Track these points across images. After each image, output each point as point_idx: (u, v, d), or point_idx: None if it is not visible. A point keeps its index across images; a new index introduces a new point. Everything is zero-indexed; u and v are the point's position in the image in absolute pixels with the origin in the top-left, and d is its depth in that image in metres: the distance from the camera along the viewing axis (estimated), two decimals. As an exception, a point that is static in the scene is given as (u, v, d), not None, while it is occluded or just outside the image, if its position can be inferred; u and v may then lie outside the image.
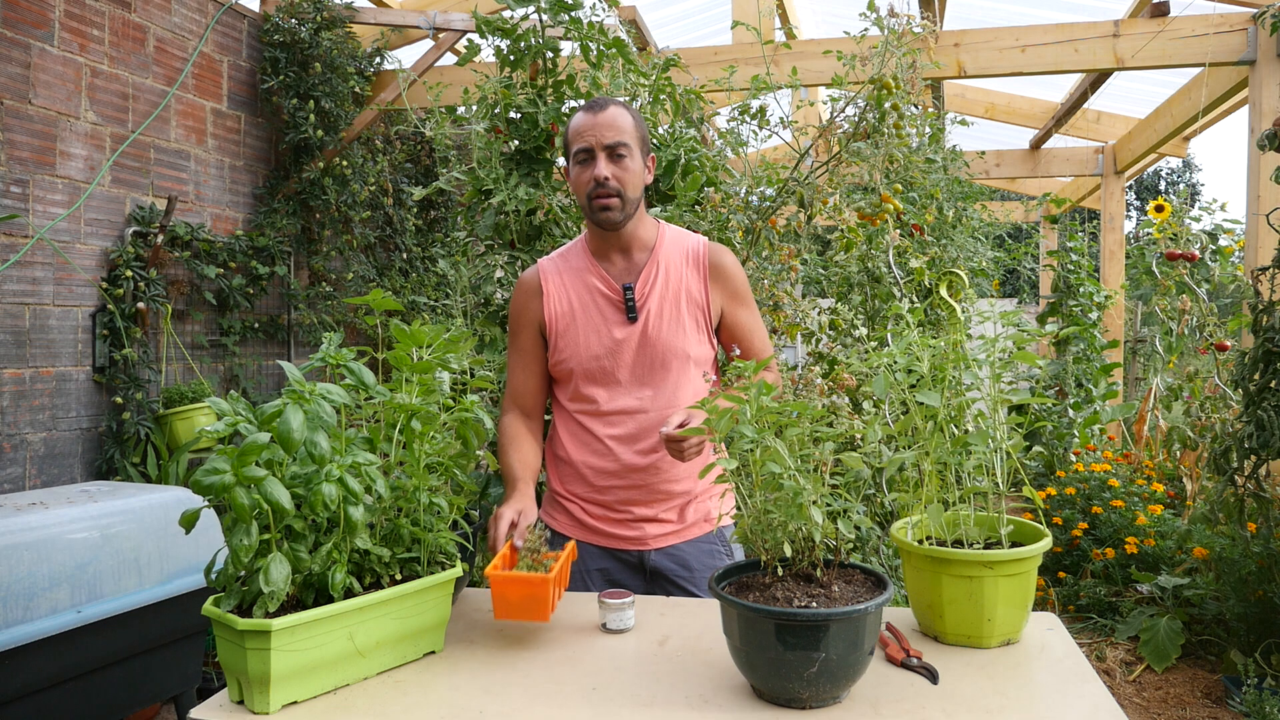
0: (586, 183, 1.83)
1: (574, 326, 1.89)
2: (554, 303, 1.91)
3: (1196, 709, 3.25)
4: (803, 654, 1.21)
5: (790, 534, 1.32)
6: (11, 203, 3.43)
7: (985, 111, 6.83)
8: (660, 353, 1.86)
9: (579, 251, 1.96)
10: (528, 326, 1.95)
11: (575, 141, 1.84)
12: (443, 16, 4.69)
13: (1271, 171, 3.19)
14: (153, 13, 4.08)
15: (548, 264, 1.97)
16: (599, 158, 1.81)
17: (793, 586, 1.32)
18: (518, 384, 1.97)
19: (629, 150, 1.82)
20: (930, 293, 3.44)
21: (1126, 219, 7.53)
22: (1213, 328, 3.97)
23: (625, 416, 1.87)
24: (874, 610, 1.23)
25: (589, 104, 1.86)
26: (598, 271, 1.91)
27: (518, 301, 1.96)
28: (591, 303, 1.90)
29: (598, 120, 1.81)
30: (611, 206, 1.82)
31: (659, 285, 1.89)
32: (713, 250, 1.94)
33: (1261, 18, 4.00)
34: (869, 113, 2.90)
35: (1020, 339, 1.51)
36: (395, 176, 5.58)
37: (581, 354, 1.89)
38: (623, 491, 1.89)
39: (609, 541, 1.91)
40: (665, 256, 1.91)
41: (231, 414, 1.27)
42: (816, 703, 1.24)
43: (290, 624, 1.24)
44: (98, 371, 3.77)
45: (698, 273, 1.91)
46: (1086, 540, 4.30)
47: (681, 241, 1.95)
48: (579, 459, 1.91)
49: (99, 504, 2.34)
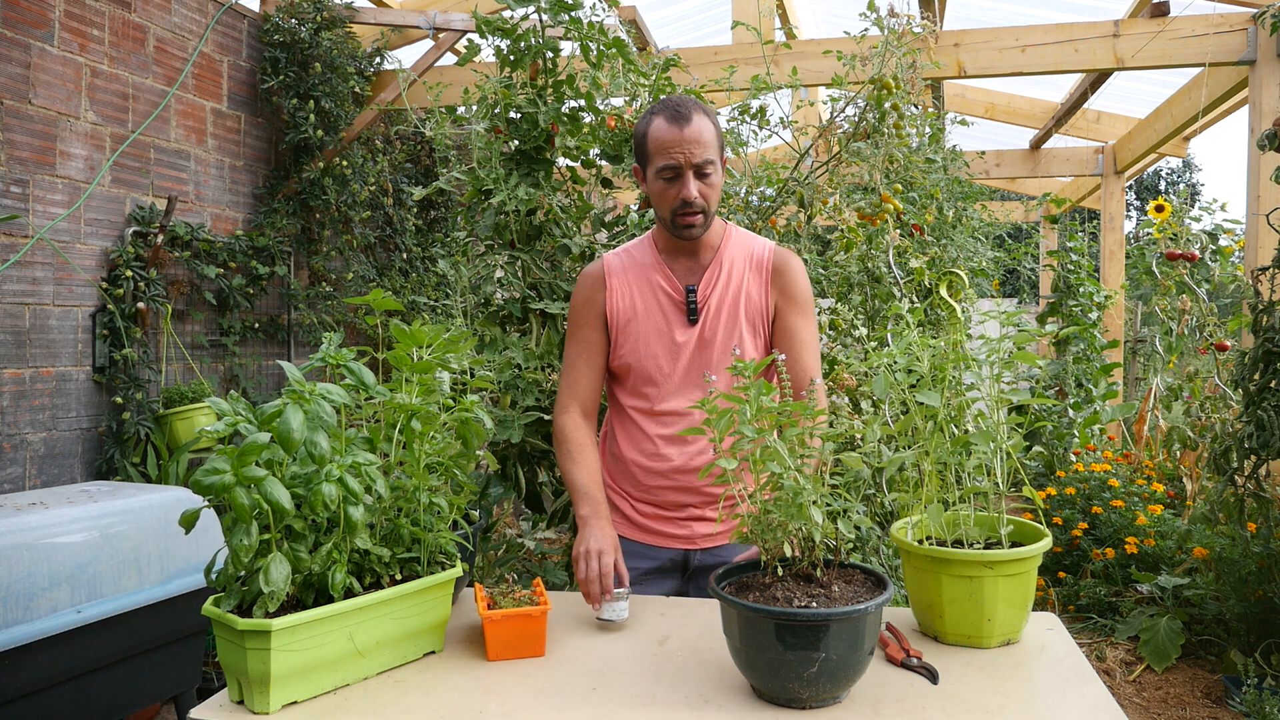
0: (672, 199, 1.78)
1: (635, 323, 1.88)
2: (617, 298, 1.90)
3: (1196, 709, 3.25)
4: (803, 654, 1.20)
5: (790, 534, 1.32)
6: (11, 203, 3.43)
7: (985, 111, 6.83)
8: (716, 356, 1.85)
9: (646, 247, 1.94)
10: (592, 320, 1.92)
11: (659, 156, 1.77)
12: (443, 16, 4.69)
13: (1271, 171, 3.19)
14: (153, 13, 4.08)
15: (613, 259, 1.95)
16: (687, 177, 1.76)
17: (793, 586, 1.32)
18: (580, 379, 1.92)
19: (715, 166, 1.78)
20: (930, 293, 3.44)
21: (1126, 219, 7.53)
22: (1213, 328, 3.96)
23: (677, 418, 1.86)
24: (874, 610, 1.23)
25: (672, 114, 1.76)
26: (663, 270, 1.89)
27: (581, 295, 1.93)
28: (655, 301, 1.88)
29: (685, 136, 1.74)
30: (696, 224, 1.80)
31: (719, 287, 1.87)
32: (778, 255, 1.90)
33: (1261, 18, 4.00)
34: (869, 113, 2.90)
35: (1020, 339, 1.51)
36: (395, 176, 5.58)
37: (641, 352, 1.88)
38: (671, 493, 1.88)
39: (657, 540, 1.90)
40: (729, 258, 1.89)
41: (231, 414, 1.27)
42: (816, 703, 1.24)
43: (290, 624, 1.24)
44: (98, 371, 3.77)
45: (759, 276, 1.88)
46: (1086, 540, 4.30)
47: (747, 244, 1.92)
48: (630, 457, 1.90)
49: (99, 504, 2.34)
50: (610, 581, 1.60)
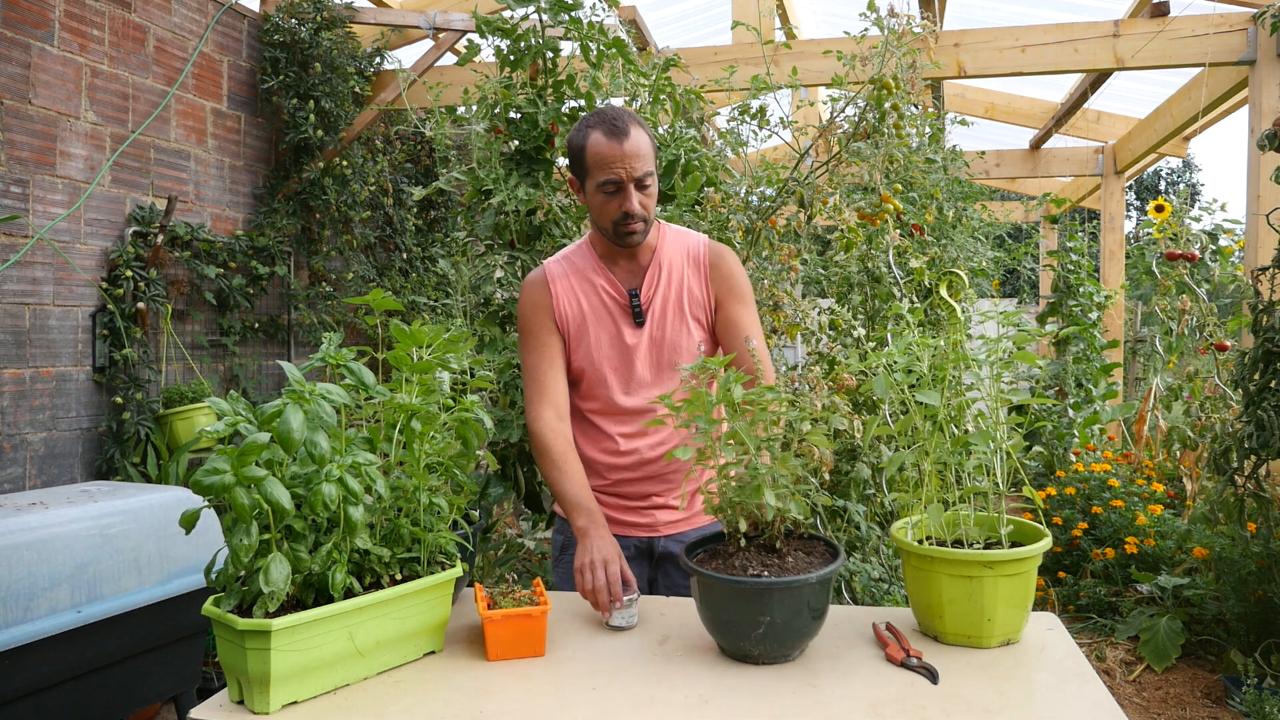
0: (614, 211, 1.81)
1: (585, 329, 1.91)
2: (563, 303, 1.92)
3: (1196, 709, 3.25)
4: (750, 617, 1.36)
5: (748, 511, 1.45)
6: (11, 203, 3.43)
7: (985, 111, 6.83)
8: (668, 354, 1.89)
9: (584, 253, 1.96)
10: (546, 323, 1.93)
11: (600, 171, 1.79)
12: (443, 16, 4.68)
13: (1271, 171, 3.19)
14: (153, 13, 4.08)
15: (554, 266, 1.96)
16: (628, 190, 1.79)
17: (752, 557, 1.45)
18: (548, 382, 1.90)
19: (652, 176, 1.82)
20: (930, 293, 3.44)
21: (1126, 219, 7.53)
22: (1213, 328, 3.96)
23: (638, 415, 1.90)
24: (815, 582, 1.36)
25: (610, 128, 1.79)
26: (605, 274, 1.92)
27: (529, 301, 1.94)
28: (601, 305, 1.91)
29: (625, 151, 1.77)
30: (638, 231, 1.83)
31: (662, 287, 1.91)
32: (713, 249, 1.95)
33: (1261, 18, 4.00)
34: (869, 113, 2.90)
35: (1020, 339, 1.51)
36: (395, 176, 5.58)
37: (595, 356, 1.90)
38: (635, 484, 1.93)
39: (621, 530, 1.93)
40: (667, 257, 1.92)
41: (231, 414, 1.27)
42: (768, 659, 1.39)
43: (290, 624, 1.24)
44: (98, 371, 3.77)
45: (698, 272, 1.92)
46: (1086, 540, 4.30)
47: (682, 241, 1.96)
48: (591, 454, 1.94)
49: (99, 504, 2.34)
50: (619, 589, 1.60)
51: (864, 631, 1.53)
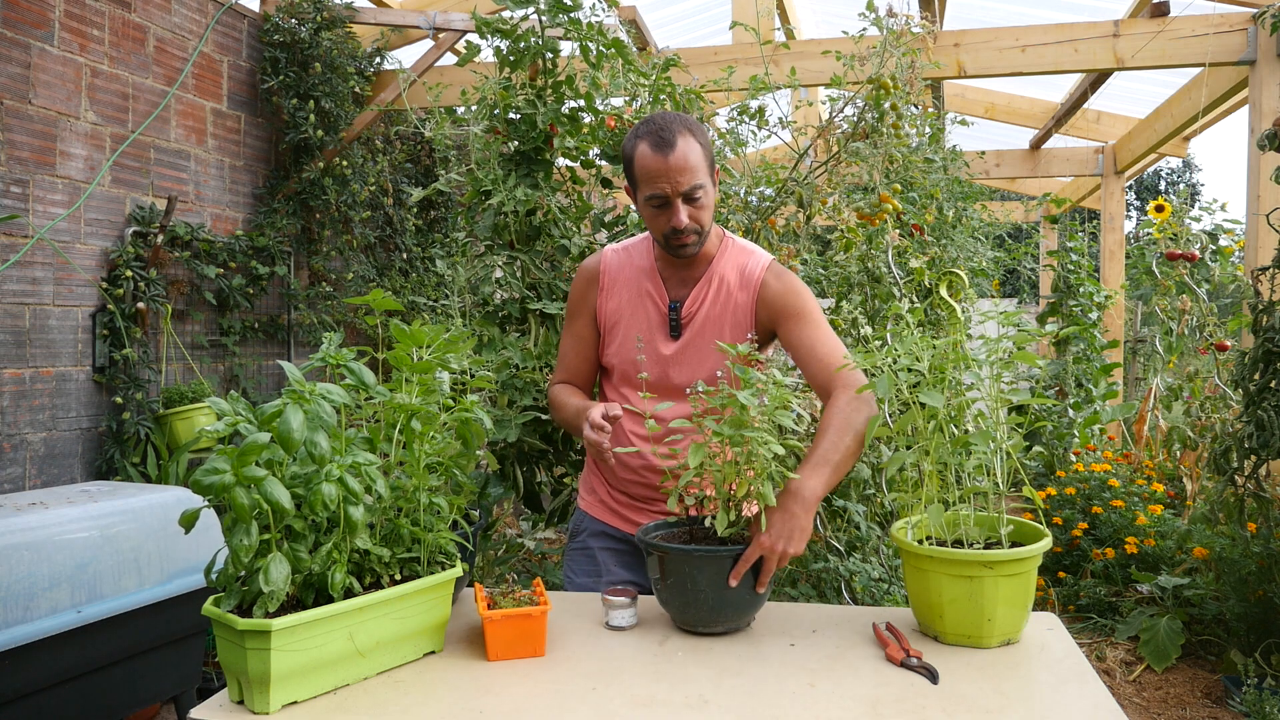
0: (663, 225, 1.78)
1: (620, 327, 1.91)
2: (607, 297, 1.92)
3: (1196, 709, 3.25)
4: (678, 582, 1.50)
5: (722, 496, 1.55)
6: (11, 203, 3.43)
7: (985, 111, 6.83)
8: (701, 369, 1.85)
9: (644, 251, 1.94)
10: (585, 314, 1.96)
11: (646, 185, 1.75)
12: (443, 17, 4.68)
13: (1271, 171, 3.19)
14: (153, 13, 4.08)
15: (612, 257, 1.96)
16: (676, 204, 1.74)
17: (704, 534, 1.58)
18: (570, 366, 2.01)
19: (704, 188, 1.76)
20: (930, 293, 3.44)
21: (1126, 219, 7.53)
22: (1213, 328, 3.97)
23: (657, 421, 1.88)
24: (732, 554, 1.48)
25: (656, 139, 1.73)
26: (655, 278, 1.90)
27: (578, 289, 1.98)
28: (641, 309, 1.90)
29: (670, 165, 1.71)
30: (689, 244, 1.79)
31: (708, 303, 1.86)
32: (770, 272, 1.87)
33: (1261, 18, 4.00)
34: (868, 113, 2.90)
35: (1020, 339, 1.51)
36: (395, 176, 5.58)
37: (625, 355, 1.91)
38: (638, 487, 1.93)
39: (627, 527, 1.95)
40: (721, 272, 1.87)
41: (231, 414, 1.27)
42: (704, 629, 1.52)
43: (290, 624, 1.24)
44: (98, 371, 3.77)
45: (748, 293, 1.86)
46: (1086, 540, 4.30)
47: (742, 258, 1.89)
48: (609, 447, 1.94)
49: (99, 504, 2.34)
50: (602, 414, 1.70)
51: (864, 631, 1.53)
